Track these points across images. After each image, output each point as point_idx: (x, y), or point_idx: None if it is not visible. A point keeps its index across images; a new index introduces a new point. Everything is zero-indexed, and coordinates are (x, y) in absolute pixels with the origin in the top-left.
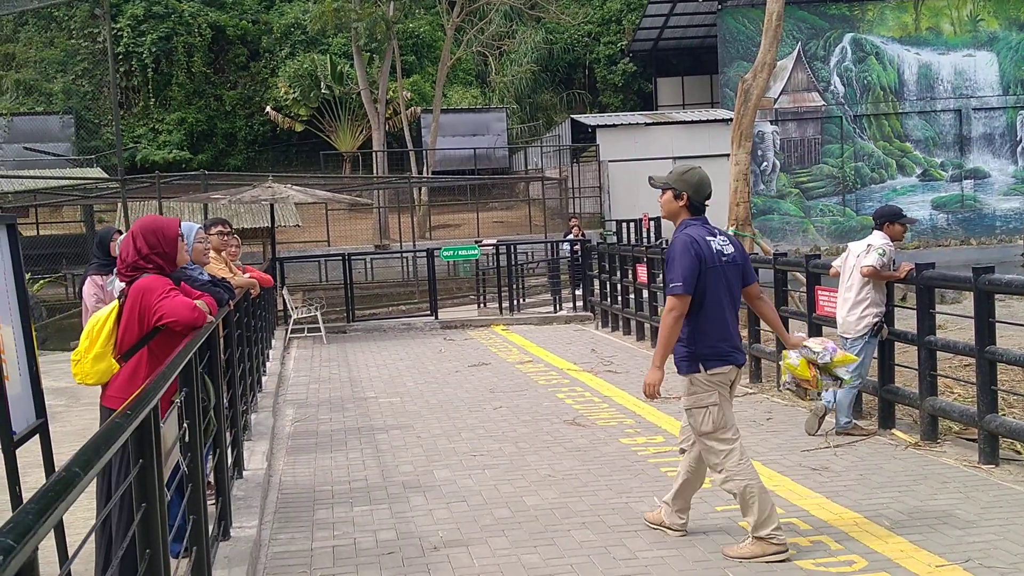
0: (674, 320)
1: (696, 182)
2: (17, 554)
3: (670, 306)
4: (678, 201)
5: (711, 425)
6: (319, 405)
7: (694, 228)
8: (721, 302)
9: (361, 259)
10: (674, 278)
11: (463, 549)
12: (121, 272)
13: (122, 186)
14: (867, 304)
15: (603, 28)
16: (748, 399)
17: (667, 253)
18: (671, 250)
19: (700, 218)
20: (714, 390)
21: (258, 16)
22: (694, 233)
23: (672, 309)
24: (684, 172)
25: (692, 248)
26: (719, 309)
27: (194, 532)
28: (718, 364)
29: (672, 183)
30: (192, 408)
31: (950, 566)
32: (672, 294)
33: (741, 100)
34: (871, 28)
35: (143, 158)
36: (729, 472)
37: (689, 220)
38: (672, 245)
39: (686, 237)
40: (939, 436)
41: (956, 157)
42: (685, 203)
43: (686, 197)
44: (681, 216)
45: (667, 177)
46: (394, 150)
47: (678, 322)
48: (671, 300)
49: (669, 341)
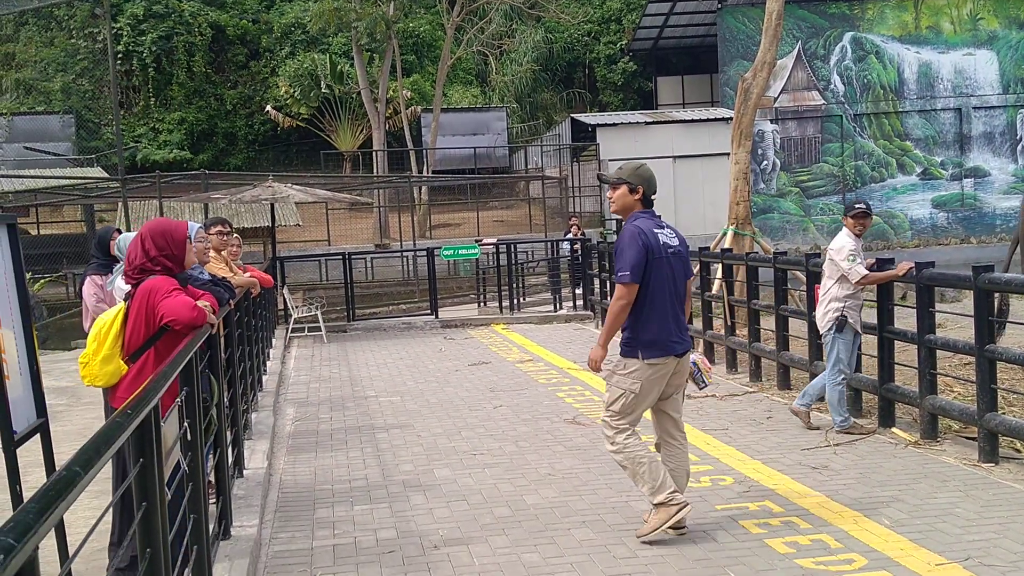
0: (621, 308)
1: (649, 177)
2: (18, 553)
3: (618, 294)
4: (633, 195)
5: (619, 407)
6: (319, 404)
7: (643, 220)
8: (665, 292)
9: (361, 258)
10: (623, 267)
11: (463, 548)
12: (128, 274)
13: (122, 186)
14: (830, 300)
15: (603, 27)
16: (748, 398)
17: (616, 243)
18: (620, 240)
19: (649, 211)
20: (639, 381)
21: (258, 15)
22: (643, 225)
23: (620, 297)
24: (637, 168)
25: (640, 239)
26: (663, 299)
27: (195, 531)
28: (657, 354)
29: (628, 178)
30: (193, 407)
31: (950, 564)
32: (620, 283)
33: (741, 99)
34: (871, 27)
35: (143, 158)
36: (617, 446)
37: (639, 212)
38: (621, 236)
39: (634, 228)
40: (939, 434)
41: (956, 156)
42: (639, 197)
43: (641, 191)
44: (634, 209)
45: (620, 173)
46: (394, 149)
47: (625, 310)
48: (619, 288)
49: (614, 327)
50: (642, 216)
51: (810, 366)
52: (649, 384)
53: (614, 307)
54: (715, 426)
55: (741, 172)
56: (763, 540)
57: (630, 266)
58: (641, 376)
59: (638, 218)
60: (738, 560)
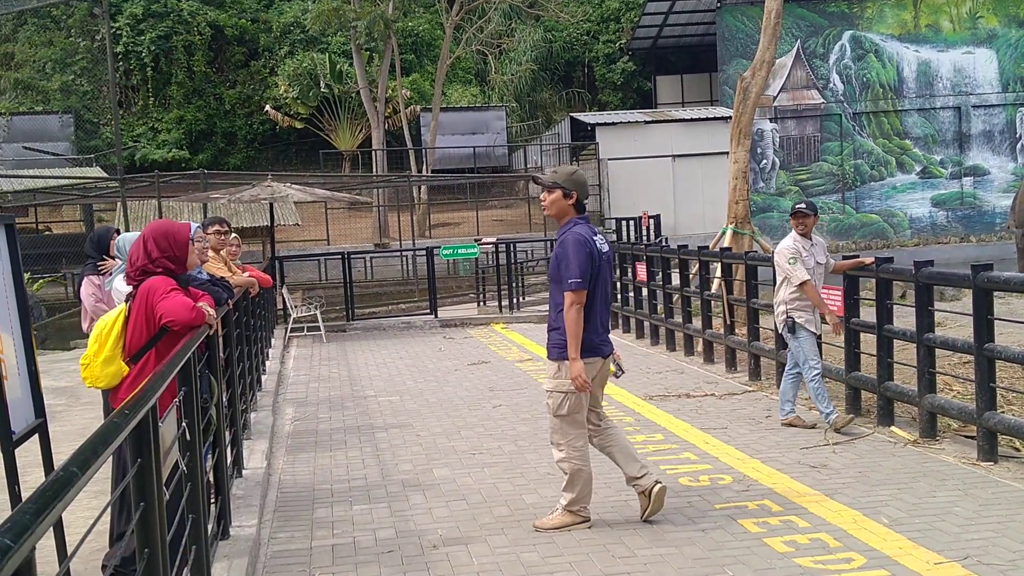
0: (577, 313)
1: (583, 182)
2: (14, 553)
3: (570, 301)
4: (567, 200)
5: (567, 409)
6: (319, 404)
7: (582, 227)
8: (600, 297)
9: (361, 258)
10: (573, 274)
11: (462, 547)
12: (130, 275)
13: (121, 185)
14: (779, 302)
15: (602, 26)
16: (747, 396)
17: (559, 250)
18: (564, 247)
19: (584, 217)
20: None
21: (257, 15)
22: (584, 232)
23: (573, 303)
24: (572, 173)
25: (586, 246)
26: (598, 304)
27: (193, 531)
28: (589, 355)
29: (562, 183)
30: (191, 407)
31: (948, 563)
32: (571, 289)
33: (740, 98)
34: (870, 25)
35: (142, 157)
36: (569, 454)
37: (576, 219)
38: (564, 242)
39: (579, 235)
40: (938, 433)
41: (955, 154)
42: (573, 202)
43: (575, 196)
44: (569, 214)
45: (554, 177)
46: (393, 149)
47: (580, 314)
48: (571, 295)
49: (578, 332)
50: (580, 222)
51: None
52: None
53: (570, 314)
54: (714, 425)
55: (740, 171)
56: (762, 539)
57: (580, 273)
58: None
59: (577, 224)
60: (737, 559)
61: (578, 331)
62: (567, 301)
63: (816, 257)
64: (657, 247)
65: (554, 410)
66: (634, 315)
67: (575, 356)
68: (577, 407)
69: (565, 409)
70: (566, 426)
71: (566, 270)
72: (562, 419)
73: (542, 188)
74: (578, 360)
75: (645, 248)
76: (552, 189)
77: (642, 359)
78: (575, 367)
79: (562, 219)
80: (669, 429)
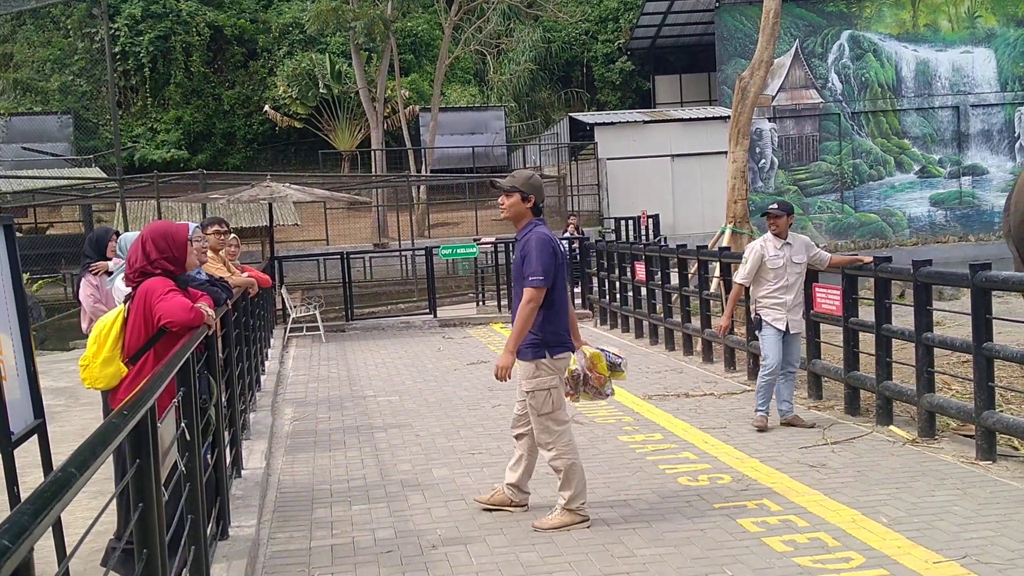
0: (531, 311)
1: (540, 186)
2: (12, 554)
3: (528, 297)
4: (525, 203)
5: (551, 406)
6: (318, 404)
7: (544, 228)
8: (564, 295)
9: (360, 258)
10: (536, 272)
11: (461, 547)
12: (129, 277)
13: (120, 186)
14: (751, 300)
15: (600, 26)
16: (747, 396)
17: (523, 249)
18: (527, 246)
19: (542, 219)
20: (555, 374)
21: (256, 15)
22: (547, 232)
23: (531, 300)
24: (529, 177)
25: (549, 245)
26: (563, 301)
27: (192, 531)
28: (561, 350)
29: (520, 187)
30: (190, 407)
31: (947, 562)
32: (532, 287)
33: (739, 97)
34: (869, 25)
35: (141, 158)
36: (560, 451)
37: (535, 221)
38: (528, 242)
39: (543, 235)
40: (937, 432)
41: (954, 154)
42: (531, 205)
43: (532, 200)
44: (526, 217)
45: (512, 181)
46: (392, 149)
47: (534, 312)
48: (531, 292)
49: (524, 330)
50: (540, 224)
51: (808, 364)
52: (558, 376)
53: (524, 310)
54: (713, 424)
55: (739, 170)
56: (761, 538)
57: (543, 271)
58: (552, 371)
59: (538, 225)
60: (736, 558)
61: (527, 327)
62: (526, 297)
63: (792, 257)
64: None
65: (538, 410)
66: (633, 314)
67: (511, 349)
68: (560, 403)
69: (549, 407)
70: (552, 424)
71: (528, 267)
72: (547, 417)
73: (500, 192)
74: (512, 354)
75: (644, 247)
76: (510, 193)
77: (641, 358)
78: (505, 358)
79: (519, 222)
80: (668, 428)
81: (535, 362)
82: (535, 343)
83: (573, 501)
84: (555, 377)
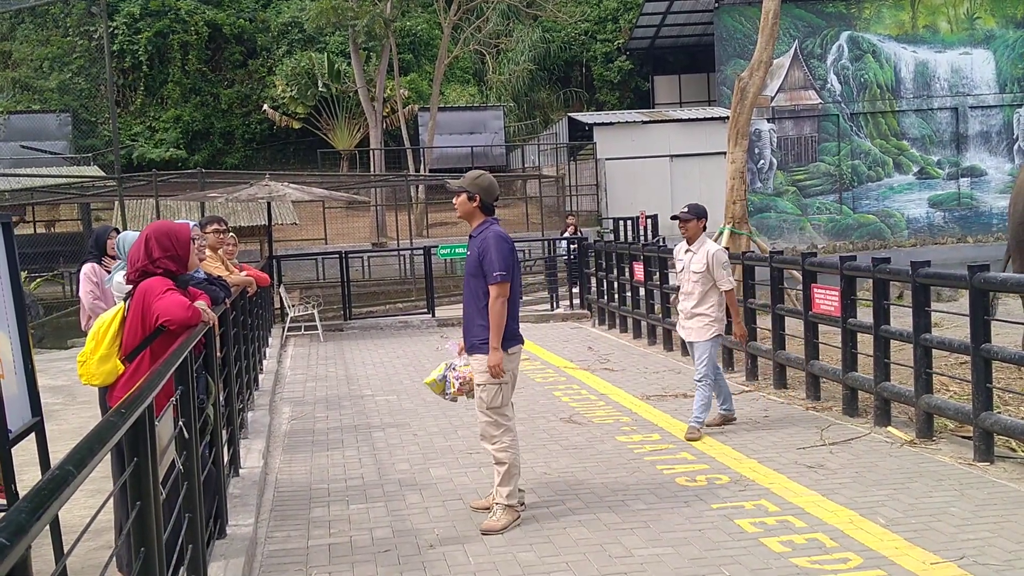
0: (502, 305)
1: (487, 186)
2: (10, 552)
3: (496, 293)
4: (472, 203)
5: (500, 400)
6: (316, 403)
7: (498, 226)
8: (517, 290)
9: (358, 257)
10: (499, 268)
11: (459, 547)
12: (130, 275)
13: (119, 184)
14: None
15: (600, 26)
16: (744, 396)
17: (481, 246)
18: (485, 243)
19: (495, 219)
20: (508, 369)
21: (255, 14)
22: (501, 231)
23: (499, 296)
24: (476, 178)
25: (507, 243)
26: (516, 297)
27: (190, 530)
28: (514, 343)
29: (466, 187)
30: (188, 406)
31: (945, 563)
32: (496, 282)
33: (738, 98)
34: (868, 26)
35: (140, 156)
36: (504, 444)
37: (489, 219)
38: (485, 240)
39: (500, 233)
40: (934, 433)
41: (953, 155)
42: (477, 204)
43: (478, 199)
44: (476, 216)
45: (460, 182)
46: (391, 148)
47: (504, 306)
48: (497, 288)
49: (502, 324)
50: (494, 222)
51: (806, 365)
52: (511, 372)
53: (496, 306)
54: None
55: (737, 171)
56: (758, 539)
57: (505, 266)
58: (508, 366)
59: (493, 224)
60: (734, 559)
61: (502, 322)
62: (494, 293)
63: (691, 265)
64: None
65: (488, 403)
66: (631, 315)
67: (497, 346)
68: (509, 397)
69: (499, 400)
70: (500, 418)
71: (490, 264)
72: (495, 411)
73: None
74: (499, 350)
75: (643, 248)
76: (459, 193)
77: (639, 359)
78: (495, 356)
79: (472, 220)
80: (666, 429)
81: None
82: (486, 337)
83: (511, 498)
84: (508, 373)
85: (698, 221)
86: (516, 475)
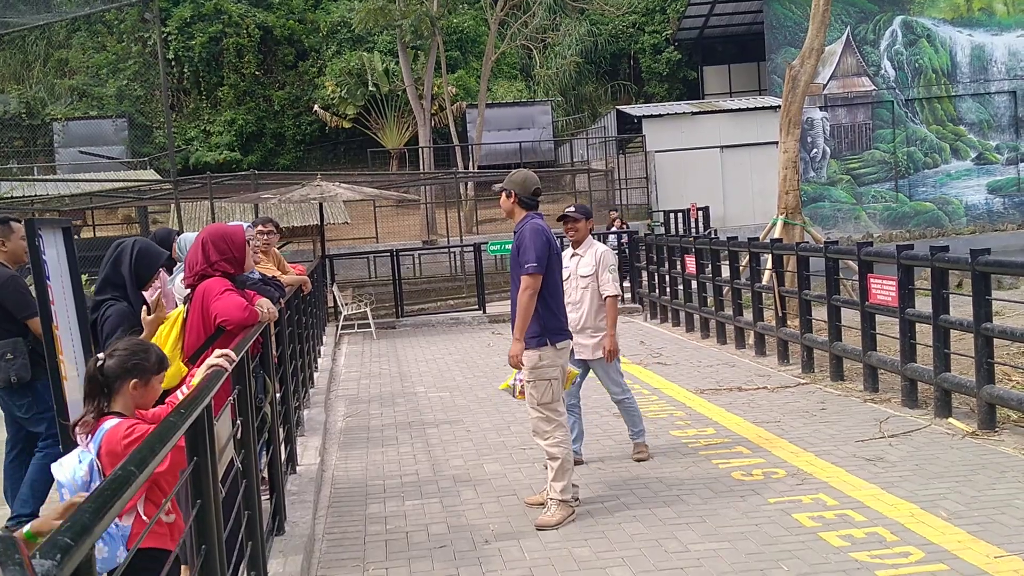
0: (529, 297)
1: (520, 181)
2: (74, 553)
3: (525, 284)
4: (509, 199)
5: (551, 396)
6: (370, 400)
7: (539, 219)
8: (560, 285)
9: (409, 255)
10: (530, 259)
11: (514, 542)
12: (188, 279)
13: (175, 187)
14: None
15: (647, 18)
16: (801, 389)
17: (518, 239)
18: (522, 236)
19: (538, 213)
20: (557, 365)
21: (304, 15)
22: (541, 223)
23: (528, 287)
24: (512, 175)
25: (543, 234)
26: (559, 291)
27: (249, 527)
28: (562, 338)
29: (505, 185)
30: (245, 405)
31: (1009, 556)
32: (528, 273)
33: (789, 87)
34: (921, 10)
35: (195, 160)
36: (557, 440)
37: (530, 214)
38: (523, 232)
39: (536, 225)
40: (997, 424)
41: (1012, 140)
42: (515, 200)
43: (515, 195)
44: (517, 212)
45: (502, 183)
46: (440, 146)
47: (533, 299)
48: (527, 279)
49: (527, 316)
50: (535, 216)
51: (864, 356)
52: (560, 367)
53: (523, 297)
54: (767, 418)
55: (790, 161)
56: (817, 533)
57: (537, 257)
58: (556, 361)
59: (533, 217)
60: (792, 554)
61: (528, 314)
62: (523, 284)
63: (579, 270)
64: (706, 239)
65: (539, 399)
66: (684, 308)
67: (519, 337)
68: (558, 395)
69: (549, 396)
70: (551, 414)
71: (524, 255)
72: (546, 407)
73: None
74: (521, 341)
75: (694, 240)
76: (499, 193)
77: (693, 353)
78: (516, 346)
79: (514, 216)
80: (721, 423)
81: (538, 351)
82: (538, 332)
83: (565, 493)
84: (556, 368)
85: (587, 221)
86: (569, 470)
